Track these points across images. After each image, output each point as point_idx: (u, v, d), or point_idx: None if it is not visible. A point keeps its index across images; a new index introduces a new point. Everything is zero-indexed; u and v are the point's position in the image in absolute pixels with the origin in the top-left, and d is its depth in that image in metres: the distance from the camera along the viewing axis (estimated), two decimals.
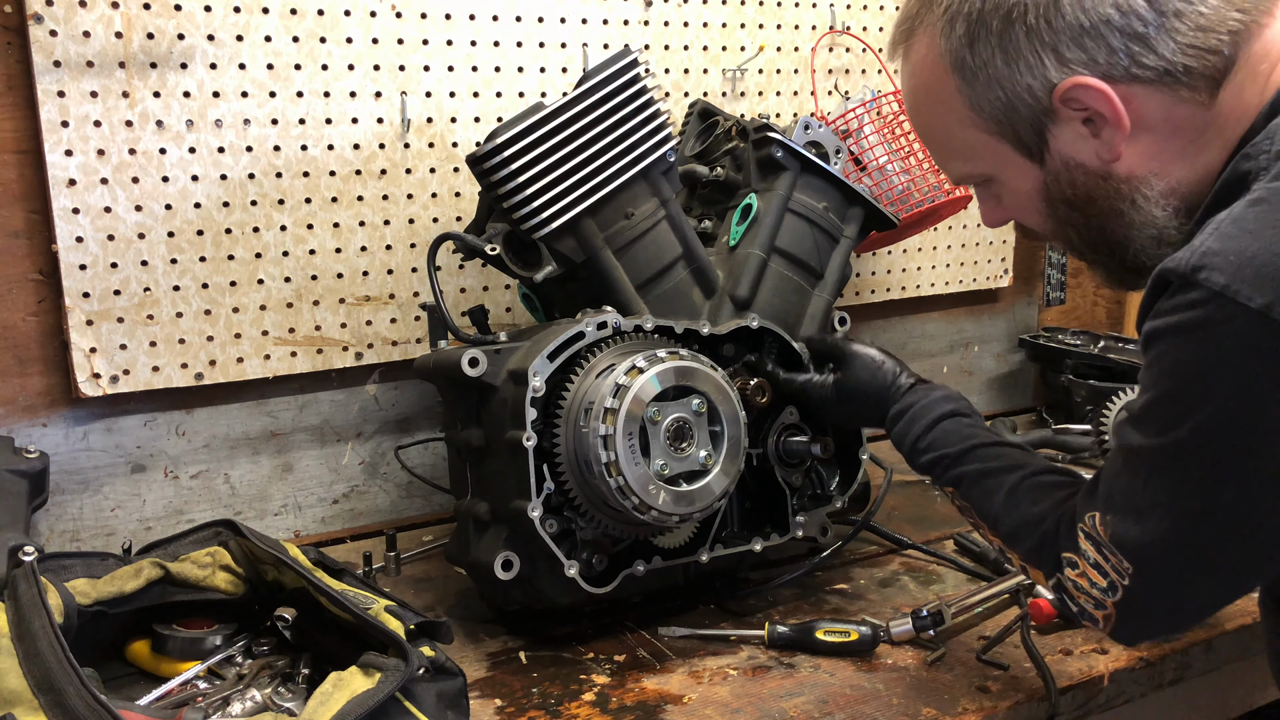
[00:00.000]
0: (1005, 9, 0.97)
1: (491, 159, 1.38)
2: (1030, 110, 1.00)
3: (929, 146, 1.14)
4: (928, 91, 1.07)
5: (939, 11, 1.02)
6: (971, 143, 1.06)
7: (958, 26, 1.00)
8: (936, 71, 1.04)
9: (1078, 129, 0.99)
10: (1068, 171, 1.02)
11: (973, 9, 0.99)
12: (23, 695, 0.94)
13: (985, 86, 1.01)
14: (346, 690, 0.98)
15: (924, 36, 1.04)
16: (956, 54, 1.01)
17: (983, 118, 1.03)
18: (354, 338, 1.69)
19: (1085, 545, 0.99)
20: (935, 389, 1.29)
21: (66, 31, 1.43)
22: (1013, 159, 1.05)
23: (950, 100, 1.04)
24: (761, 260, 1.52)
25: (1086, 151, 1.00)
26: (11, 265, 1.48)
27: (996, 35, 0.98)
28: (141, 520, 1.61)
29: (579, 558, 1.34)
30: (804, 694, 1.25)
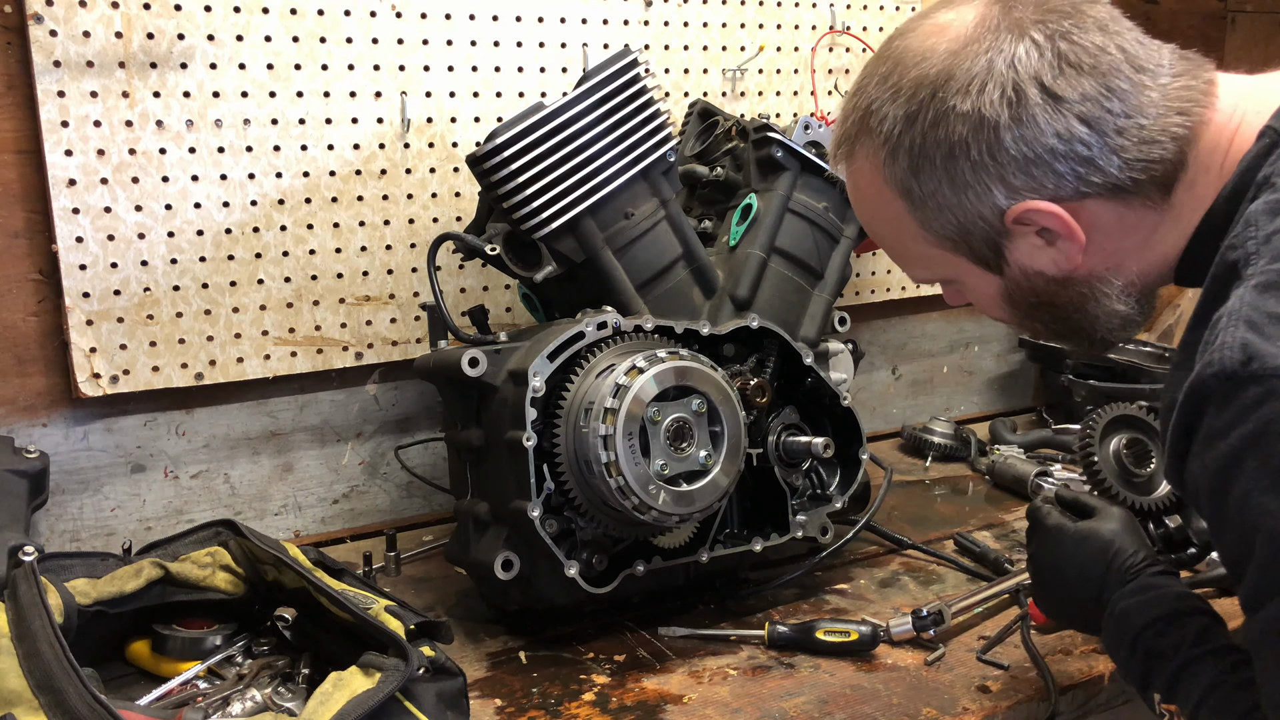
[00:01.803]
0: (947, 145, 0.95)
1: (491, 159, 1.38)
2: (984, 231, 0.99)
3: (885, 249, 1.12)
4: (875, 208, 1.05)
5: (878, 139, 0.99)
6: (927, 254, 1.05)
7: (900, 158, 0.98)
8: (883, 192, 1.02)
9: (1033, 241, 0.99)
10: (1027, 279, 1.02)
11: (914, 143, 0.97)
12: (23, 695, 0.95)
13: (935, 212, 0.99)
14: (346, 690, 0.98)
15: (865, 157, 1.02)
16: (902, 182, 1.00)
17: (934, 235, 1.02)
18: (354, 338, 1.69)
19: None
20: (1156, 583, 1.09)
21: (66, 31, 1.43)
22: (971, 269, 1.04)
23: (899, 218, 1.03)
24: (761, 260, 1.52)
25: (1044, 260, 1.00)
26: (11, 265, 1.48)
27: (942, 168, 0.97)
28: (141, 520, 1.61)
29: (579, 558, 1.34)
30: (804, 694, 1.25)
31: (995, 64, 0.93)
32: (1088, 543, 1.14)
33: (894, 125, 0.98)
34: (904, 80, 0.97)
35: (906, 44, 0.99)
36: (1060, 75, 0.93)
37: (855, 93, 1.03)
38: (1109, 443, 1.50)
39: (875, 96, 0.99)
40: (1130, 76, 0.94)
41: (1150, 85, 0.94)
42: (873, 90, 1.00)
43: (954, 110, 0.94)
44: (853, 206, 1.10)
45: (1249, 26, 2.71)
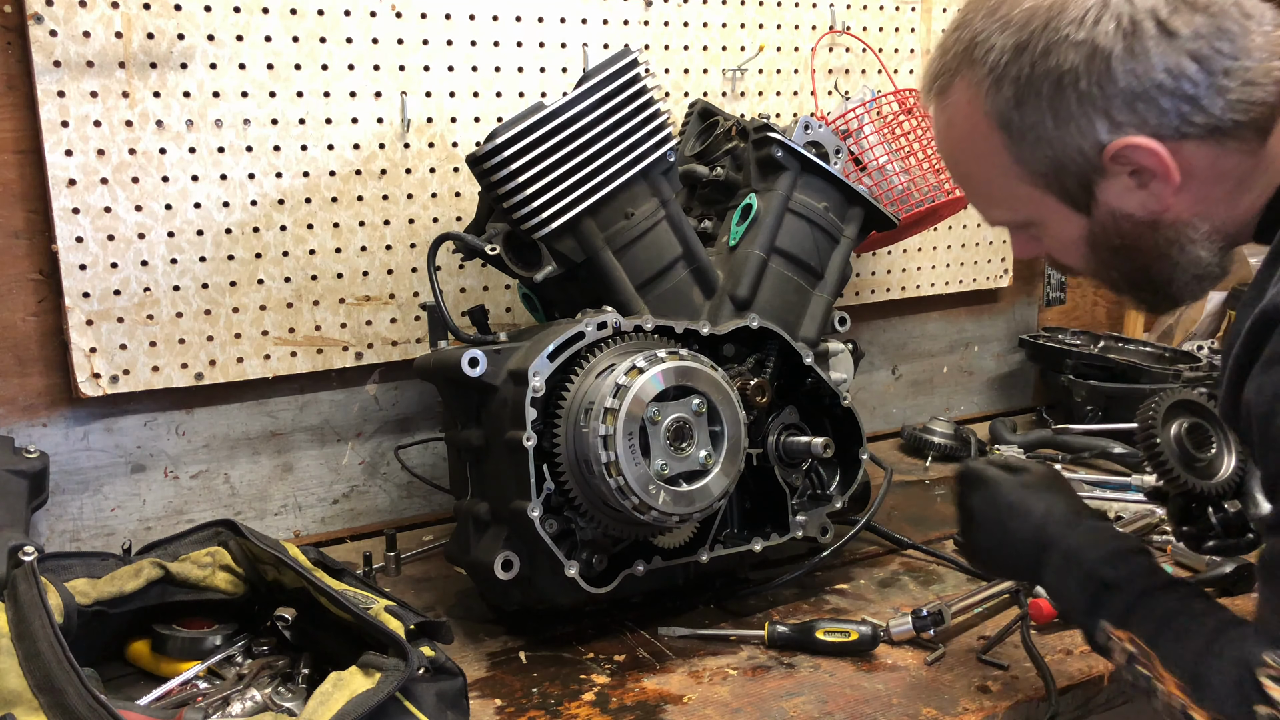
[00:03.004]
0: (1055, 74, 0.97)
1: (491, 159, 1.38)
2: (1079, 167, 1.00)
3: (966, 191, 1.13)
4: (968, 143, 1.06)
5: (982, 70, 1.01)
6: (1015, 193, 1.05)
7: (1004, 88, 0.99)
8: (979, 125, 1.03)
9: (1125, 182, 0.99)
10: (1115, 221, 1.02)
11: (1021, 72, 0.98)
12: (23, 695, 0.95)
13: (1033, 145, 1.00)
14: (346, 690, 0.98)
15: (964, 89, 1.03)
16: (1003, 113, 1.01)
17: (1028, 171, 1.02)
18: (354, 338, 1.69)
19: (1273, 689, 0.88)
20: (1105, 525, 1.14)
21: (66, 31, 1.43)
22: (1057, 209, 1.04)
23: (994, 154, 1.03)
24: (761, 260, 1.52)
25: (1134, 203, 1.00)
26: (11, 265, 1.48)
27: (1047, 99, 0.98)
28: (141, 520, 1.61)
29: (579, 558, 1.34)
30: (804, 694, 1.25)
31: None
32: (1029, 492, 1.18)
33: (1001, 55, 0.99)
34: (1015, 11, 0.98)
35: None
36: (1175, 11, 0.94)
37: (958, 26, 1.04)
38: (1170, 427, 1.47)
39: (982, 28, 1.00)
40: (1239, 20, 0.95)
41: (1255, 30, 0.95)
42: (979, 22, 1.01)
43: (1067, 40, 0.96)
44: (939, 145, 1.11)
45: None
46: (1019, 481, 1.20)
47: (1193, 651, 0.97)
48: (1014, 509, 1.17)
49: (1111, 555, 1.08)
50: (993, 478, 1.22)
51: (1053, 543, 1.13)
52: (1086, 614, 1.08)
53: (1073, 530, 1.13)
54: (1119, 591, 1.05)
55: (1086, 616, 1.08)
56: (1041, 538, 1.14)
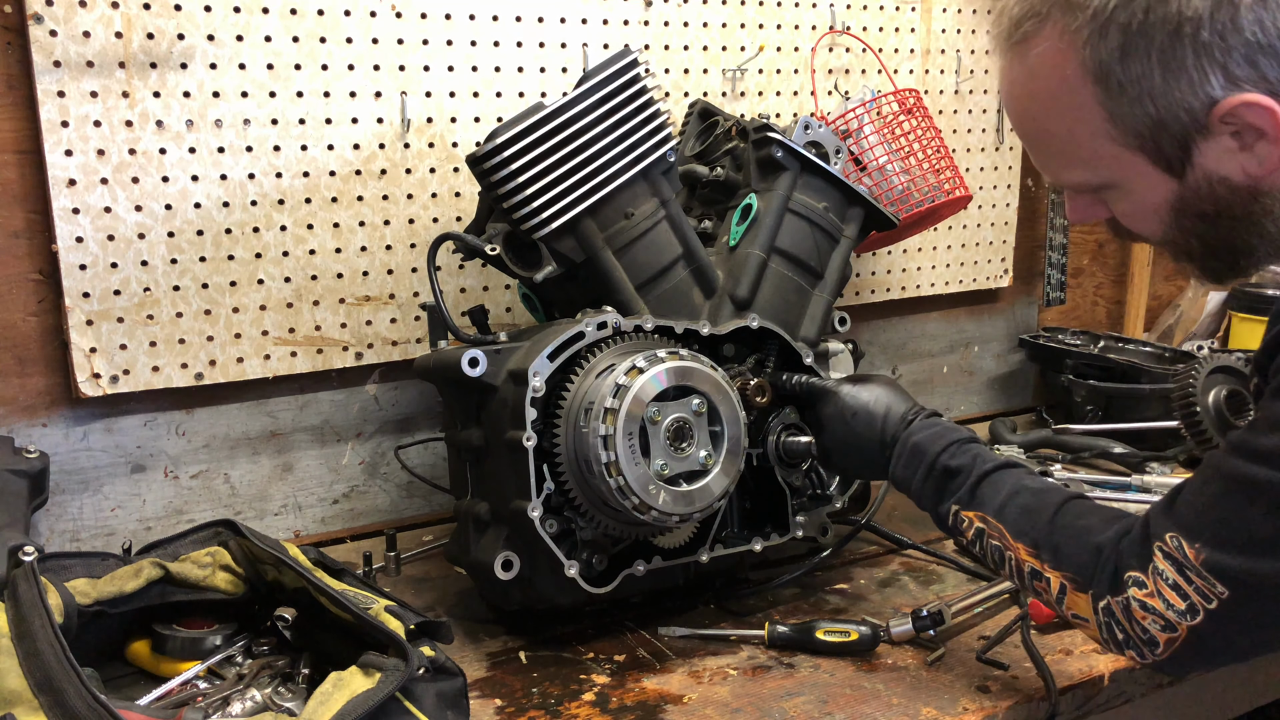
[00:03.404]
0: (1174, 22, 0.89)
1: (491, 159, 1.38)
2: (1181, 126, 0.93)
3: (1037, 151, 1.06)
4: (1052, 97, 0.98)
5: (1082, 14, 0.92)
6: (1100, 153, 0.98)
7: (1110, 35, 0.91)
8: (1070, 78, 0.95)
9: (1228, 143, 0.93)
10: (1209, 186, 0.96)
11: (1132, 18, 0.90)
12: (23, 695, 0.95)
13: (1133, 101, 0.93)
14: (346, 690, 0.98)
15: (1055, 36, 0.94)
16: (1104, 64, 0.92)
17: (1121, 130, 0.95)
18: (354, 338, 1.69)
19: (1164, 565, 0.98)
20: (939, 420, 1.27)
21: (66, 31, 1.43)
22: (1146, 171, 0.98)
23: (1083, 109, 0.96)
24: (761, 260, 1.52)
25: (1234, 166, 0.94)
26: (11, 265, 1.48)
27: (1159, 50, 0.90)
28: (141, 520, 1.61)
29: (579, 558, 1.34)
30: (804, 694, 1.25)
31: None
32: (870, 397, 1.32)
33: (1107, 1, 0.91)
34: None
35: None
36: None
37: None
38: (1209, 394, 1.44)
39: None
40: None
41: None
42: None
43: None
44: (1010, 99, 1.03)
45: None
46: (858, 390, 1.34)
47: (1041, 523, 1.11)
48: (857, 414, 1.32)
49: (951, 445, 1.22)
50: (834, 389, 1.36)
51: (895, 439, 1.27)
52: (936, 501, 1.22)
53: (911, 426, 1.26)
54: (962, 476, 1.19)
55: (936, 503, 1.22)
56: (884, 436, 1.28)
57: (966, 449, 1.22)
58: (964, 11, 2.16)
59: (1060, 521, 1.10)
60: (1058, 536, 1.09)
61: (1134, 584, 1.00)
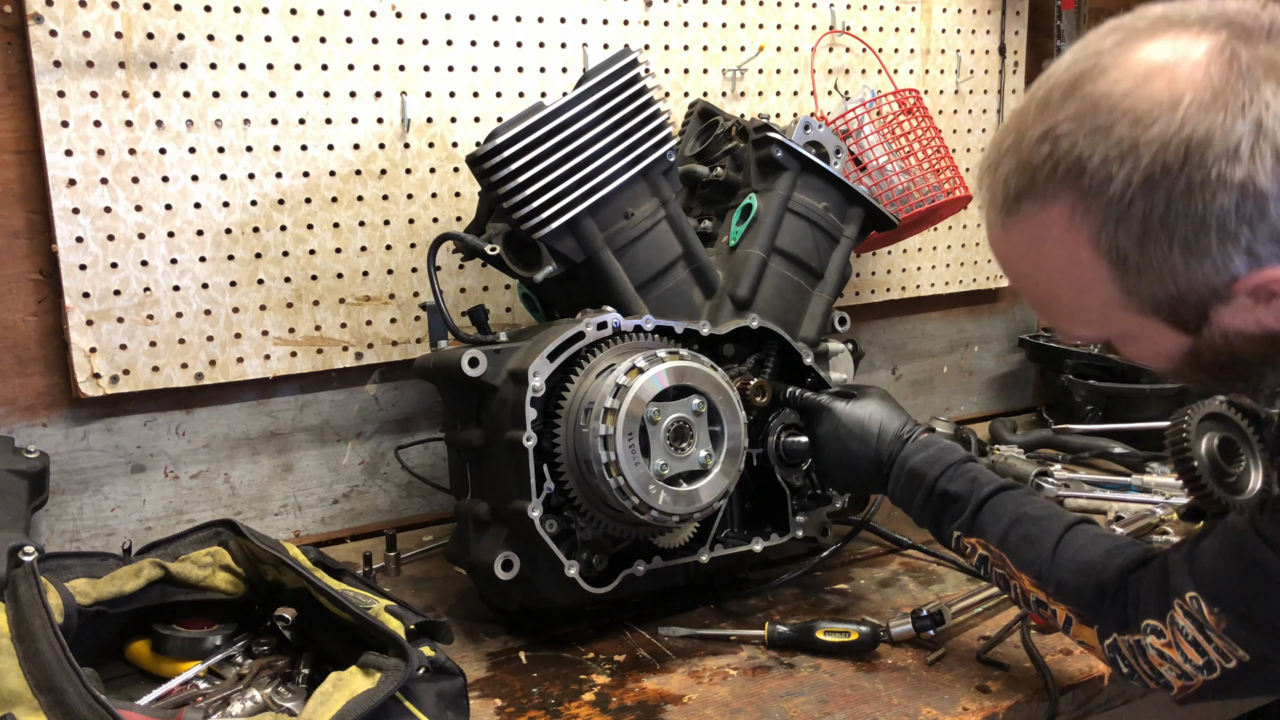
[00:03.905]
0: (1198, 215, 0.84)
1: (491, 159, 1.38)
2: (1200, 297, 0.89)
3: (1040, 309, 1.02)
4: (1059, 269, 0.92)
5: (1096, 201, 0.86)
6: (1111, 316, 0.94)
7: (1129, 224, 0.86)
8: (1080, 255, 0.90)
9: (1245, 303, 0.89)
10: (1225, 339, 0.92)
11: (1152, 210, 0.85)
12: (23, 695, 0.94)
13: (1151, 281, 0.88)
14: (346, 690, 0.98)
15: (1064, 215, 0.89)
16: (1118, 249, 0.87)
17: (1136, 301, 0.91)
18: (354, 338, 1.69)
19: (1184, 622, 1.00)
20: (935, 439, 1.28)
21: (66, 31, 1.43)
22: (1159, 330, 0.94)
23: (1095, 283, 0.91)
24: (761, 260, 1.52)
25: (1249, 320, 0.90)
26: (11, 265, 1.48)
27: (1181, 239, 0.85)
28: (141, 520, 1.61)
29: (579, 558, 1.34)
30: (804, 694, 1.25)
31: (1266, 123, 0.82)
32: (864, 414, 1.34)
33: (1126, 188, 0.85)
34: (1139, 133, 0.84)
35: (1116, 88, 0.85)
36: None
37: (1046, 137, 0.88)
38: (1201, 442, 1.44)
39: (1092, 150, 0.85)
40: None
41: None
42: (1084, 141, 0.86)
43: (1218, 178, 0.82)
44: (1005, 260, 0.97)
45: None
46: (851, 407, 1.36)
47: (1044, 555, 1.12)
48: (851, 432, 1.34)
49: (948, 469, 1.23)
50: (828, 405, 1.38)
51: (892, 459, 1.29)
52: (937, 525, 1.24)
53: (907, 447, 1.28)
54: (961, 502, 1.21)
55: (938, 526, 1.24)
56: (879, 455, 1.30)
57: (964, 471, 1.23)
58: (964, 11, 2.16)
59: (1062, 554, 1.12)
60: (1060, 571, 1.11)
61: (1152, 632, 1.02)
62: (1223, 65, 0.83)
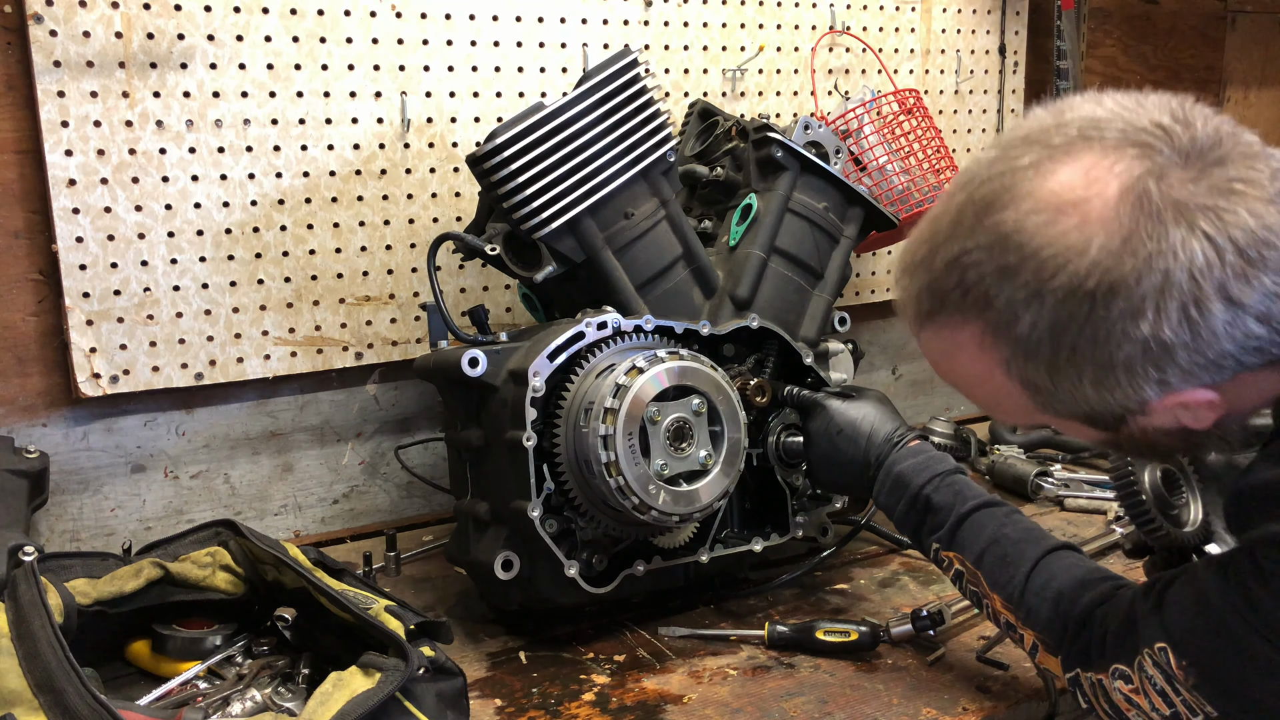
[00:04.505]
0: (1105, 359, 0.84)
1: (491, 159, 1.38)
2: (1114, 415, 0.90)
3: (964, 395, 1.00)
4: (976, 380, 0.93)
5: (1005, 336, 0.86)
6: (1032, 416, 0.95)
7: (1038, 360, 0.86)
8: (994, 373, 0.90)
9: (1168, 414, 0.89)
10: (1144, 435, 0.93)
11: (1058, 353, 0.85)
12: (23, 695, 0.94)
13: (1063, 402, 0.89)
14: (346, 690, 0.98)
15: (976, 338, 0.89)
16: (1029, 379, 0.88)
17: (1051, 412, 0.92)
18: (354, 338, 1.69)
19: (1152, 671, 0.98)
20: (925, 447, 1.28)
21: (66, 31, 1.43)
22: (1079, 428, 0.95)
23: (1009, 395, 0.91)
24: (761, 260, 1.52)
25: (1168, 420, 0.90)
26: (11, 265, 1.48)
27: (1090, 372, 0.85)
28: (141, 520, 1.61)
29: (579, 558, 1.34)
30: (804, 694, 1.25)
31: (1173, 275, 0.80)
32: (858, 415, 1.33)
33: (1033, 331, 0.85)
34: (1047, 285, 0.83)
35: (1027, 223, 0.83)
36: (1242, 279, 0.81)
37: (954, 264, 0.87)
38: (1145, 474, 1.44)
39: (998, 291, 0.85)
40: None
41: None
42: (990, 278, 0.85)
43: (1123, 333, 0.82)
44: (928, 356, 0.97)
45: (1249, 26, 2.71)
46: (846, 406, 1.35)
47: (1016, 580, 1.11)
48: (842, 431, 1.33)
49: (934, 479, 1.22)
50: (823, 402, 1.38)
51: (880, 462, 1.28)
52: (917, 533, 1.23)
53: (896, 451, 1.27)
54: (943, 514, 1.19)
55: (917, 536, 1.23)
56: (868, 457, 1.30)
57: (950, 483, 1.22)
58: (964, 11, 2.16)
59: (1035, 581, 1.11)
60: (1030, 598, 1.10)
61: (1120, 676, 1.01)
62: (1133, 205, 0.81)
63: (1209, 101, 0.89)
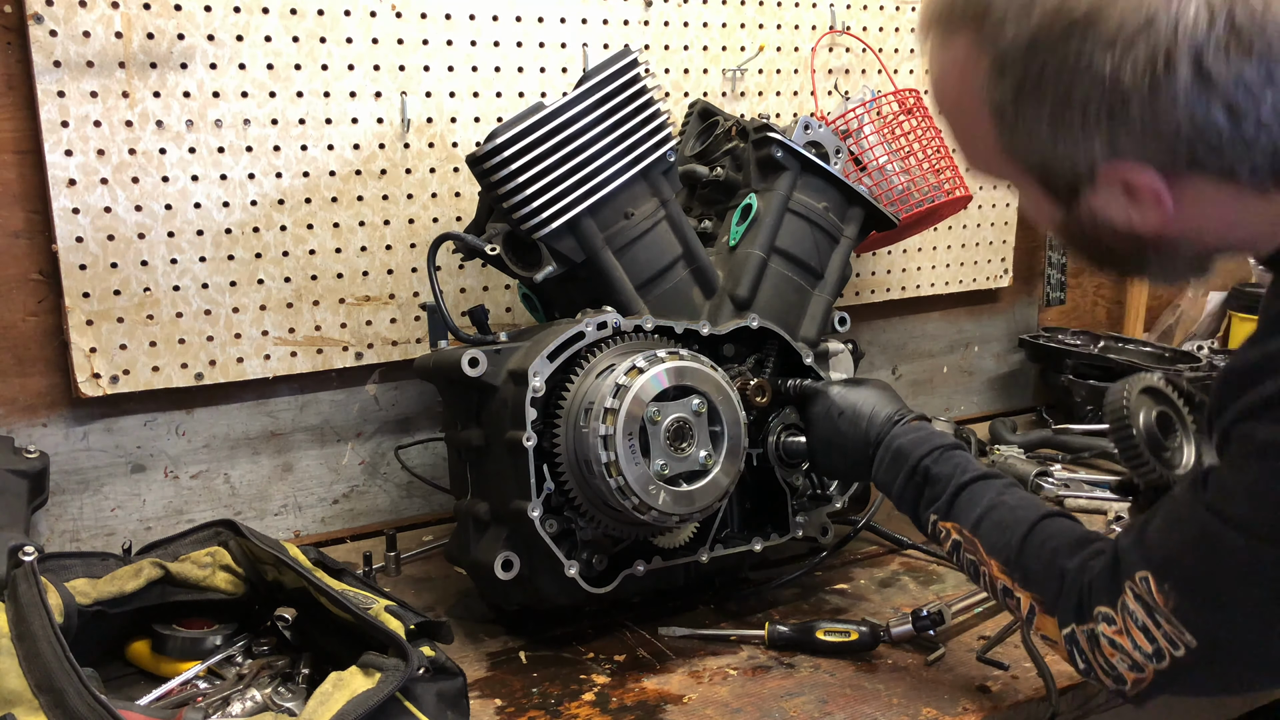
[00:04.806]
0: (1064, 90, 0.86)
1: (491, 159, 1.38)
2: (1068, 172, 0.91)
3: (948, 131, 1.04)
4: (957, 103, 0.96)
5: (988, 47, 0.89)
6: (996, 162, 0.97)
7: (1006, 78, 0.89)
8: (971, 98, 0.93)
9: (1115, 193, 0.90)
10: (1094, 224, 0.94)
11: (1027, 72, 0.87)
12: (23, 695, 0.95)
13: (1023, 139, 0.91)
14: (346, 690, 0.98)
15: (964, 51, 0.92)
16: (997, 102, 0.90)
17: (1012, 157, 0.94)
18: (354, 338, 1.69)
19: (1133, 605, 0.97)
20: (925, 425, 1.27)
21: (66, 31, 1.43)
22: (1036, 191, 0.96)
23: (980, 127, 0.94)
24: (761, 260, 1.52)
25: (1118, 213, 0.91)
26: (11, 265, 1.48)
27: (1049, 108, 0.87)
28: (141, 520, 1.61)
29: (579, 558, 1.34)
30: (804, 694, 1.25)
31: (1157, 21, 0.81)
32: (858, 398, 1.33)
33: (1012, 45, 0.87)
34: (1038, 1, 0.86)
35: None
36: (1223, 53, 0.81)
37: None
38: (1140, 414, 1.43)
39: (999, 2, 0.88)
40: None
41: None
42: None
43: (1090, 64, 0.83)
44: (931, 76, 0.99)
45: None
46: (847, 391, 1.36)
47: (1013, 542, 1.10)
48: (844, 413, 1.33)
49: (934, 451, 1.21)
50: (824, 389, 1.38)
51: (880, 441, 1.27)
52: (915, 507, 1.22)
53: (896, 429, 1.27)
54: (941, 484, 1.19)
55: (915, 509, 1.22)
56: (868, 436, 1.29)
57: (949, 456, 1.22)
58: None
59: (1031, 542, 1.10)
60: (1027, 557, 1.10)
61: (1103, 619, 1.00)
62: None
63: None
